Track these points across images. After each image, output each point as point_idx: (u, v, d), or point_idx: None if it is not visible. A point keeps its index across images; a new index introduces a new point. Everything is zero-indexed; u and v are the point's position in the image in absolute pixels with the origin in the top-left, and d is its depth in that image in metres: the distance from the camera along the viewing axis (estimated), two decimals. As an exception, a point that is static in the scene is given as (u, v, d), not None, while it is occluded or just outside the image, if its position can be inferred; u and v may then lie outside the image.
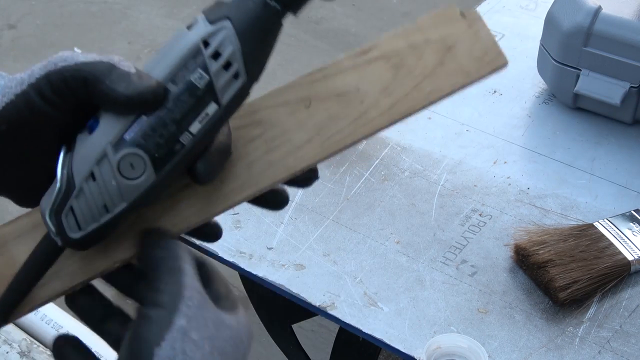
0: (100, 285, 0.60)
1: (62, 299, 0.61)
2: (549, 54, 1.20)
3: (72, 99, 0.54)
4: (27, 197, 0.58)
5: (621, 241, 1.00)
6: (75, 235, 0.53)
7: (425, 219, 1.08)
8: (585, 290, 0.96)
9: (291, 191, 0.59)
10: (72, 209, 0.53)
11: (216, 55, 0.53)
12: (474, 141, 1.19)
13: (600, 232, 1.01)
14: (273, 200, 0.61)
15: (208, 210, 0.58)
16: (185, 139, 0.53)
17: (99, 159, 0.52)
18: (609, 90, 1.16)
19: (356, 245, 1.04)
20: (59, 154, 0.54)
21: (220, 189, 0.58)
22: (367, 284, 1.00)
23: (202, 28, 0.55)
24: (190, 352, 0.54)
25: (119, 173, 0.52)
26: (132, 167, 0.52)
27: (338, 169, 1.13)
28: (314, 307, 0.98)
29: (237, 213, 1.06)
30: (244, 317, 0.59)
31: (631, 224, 1.02)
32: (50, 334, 1.69)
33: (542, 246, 0.99)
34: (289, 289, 0.99)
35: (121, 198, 0.53)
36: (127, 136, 0.52)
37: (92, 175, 0.52)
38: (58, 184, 0.53)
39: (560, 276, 0.96)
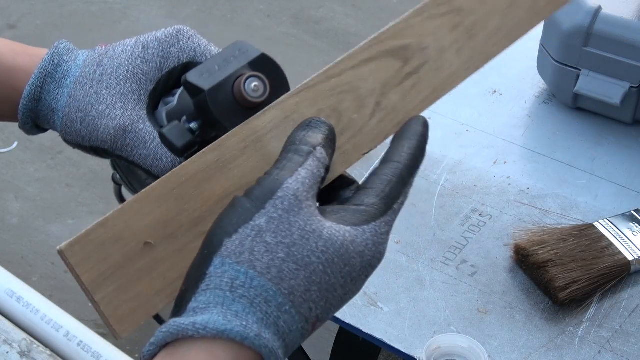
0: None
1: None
2: (549, 54, 1.20)
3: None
4: None
5: (621, 241, 1.00)
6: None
7: (425, 219, 1.08)
8: (585, 290, 0.96)
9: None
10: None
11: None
12: (474, 141, 1.19)
13: (600, 232, 1.01)
14: None
15: (437, 94, 0.63)
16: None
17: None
18: (609, 90, 1.16)
19: (356, 245, 1.04)
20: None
21: (436, 78, 0.63)
22: (367, 284, 1.00)
23: None
24: (257, 254, 0.53)
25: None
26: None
27: (338, 169, 1.13)
28: (314, 307, 0.98)
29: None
30: (373, 236, 0.56)
31: (631, 224, 1.02)
32: (50, 334, 1.69)
33: (542, 246, 0.99)
34: (289, 289, 0.99)
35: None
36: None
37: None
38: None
39: (560, 276, 0.96)
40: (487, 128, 1.21)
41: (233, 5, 2.95)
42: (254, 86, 0.61)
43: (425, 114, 0.63)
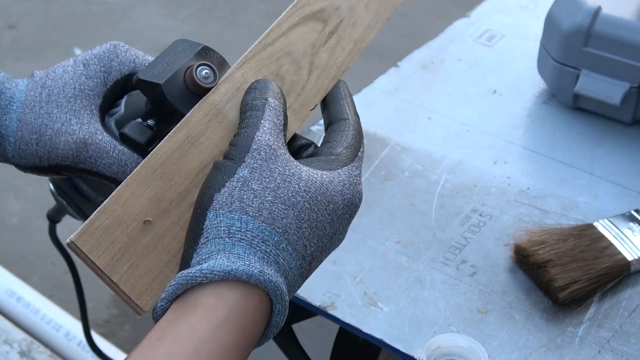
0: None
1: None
2: (549, 54, 1.20)
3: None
4: None
5: (621, 241, 1.00)
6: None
7: (425, 219, 1.08)
8: (585, 290, 0.96)
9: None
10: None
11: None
12: (474, 141, 1.19)
13: (600, 232, 1.01)
14: None
15: (358, 46, 0.72)
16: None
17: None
18: (609, 90, 1.16)
19: (356, 246, 1.04)
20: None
21: (354, 33, 0.71)
22: (367, 284, 1.00)
23: None
24: (247, 200, 0.58)
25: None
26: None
27: (338, 169, 1.13)
28: (314, 307, 0.98)
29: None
30: (348, 177, 0.62)
31: (631, 224, 1.02)
32: (50, 334, 1.69)
33: (542, 246, 0.99)
34: (289, 289, 0.99)
35: None
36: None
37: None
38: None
39: (560, 276, 0.96)
40: (487, 128, 1.21)
41: (233, 5, 2.95)
42: (204, 73, 0.66)
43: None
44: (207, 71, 0.66)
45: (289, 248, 0.58)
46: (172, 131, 0.63)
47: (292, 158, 0.61)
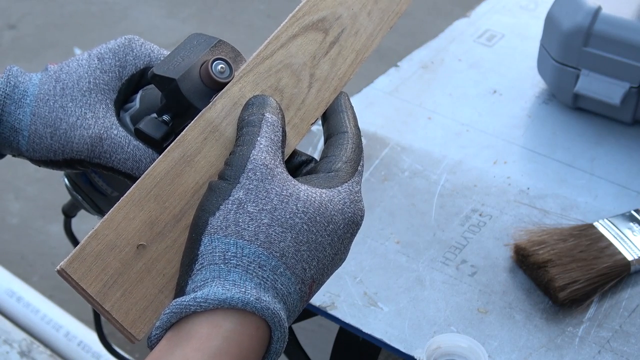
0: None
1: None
2: (549, 54, 1.20)
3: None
4: None
5: (621, 241, 1.00)
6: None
7: (425, 219, 1.08)
8: (585, 290, 0.96)
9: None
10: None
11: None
12: (474, 141, 1.19)
13: (600, 232, 1.01)
14: None
15: (361, 56, 0.70)
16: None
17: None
18: (609, 90, 1.16)
19: (356, 245, 1.04)
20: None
21: (357, 42, 0.70)
22: (367, 284, 1.00)
23: None
24: (243, 224, 0.56)
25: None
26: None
27: (338, 169, 1.13)
28: (314, 307, 0.98)
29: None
30: (348, 195, 0.60)
31: (631, 224, 1.02)
32: (50, 334, 1.69)
33: (541, 246, 0.99)
34: (289, 289, 0.99)
35: None
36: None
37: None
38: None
39: (560, 276, 0.96)
40: (487, 128, 1.21)
41: (233, 5, 2.95)
42: (220, 68, 0.65)
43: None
44: (223, 65, 0.65)
45: (287, 272, 0.56)
46: (166, 150, 0.61)
47: (289, 177, 0.59)
